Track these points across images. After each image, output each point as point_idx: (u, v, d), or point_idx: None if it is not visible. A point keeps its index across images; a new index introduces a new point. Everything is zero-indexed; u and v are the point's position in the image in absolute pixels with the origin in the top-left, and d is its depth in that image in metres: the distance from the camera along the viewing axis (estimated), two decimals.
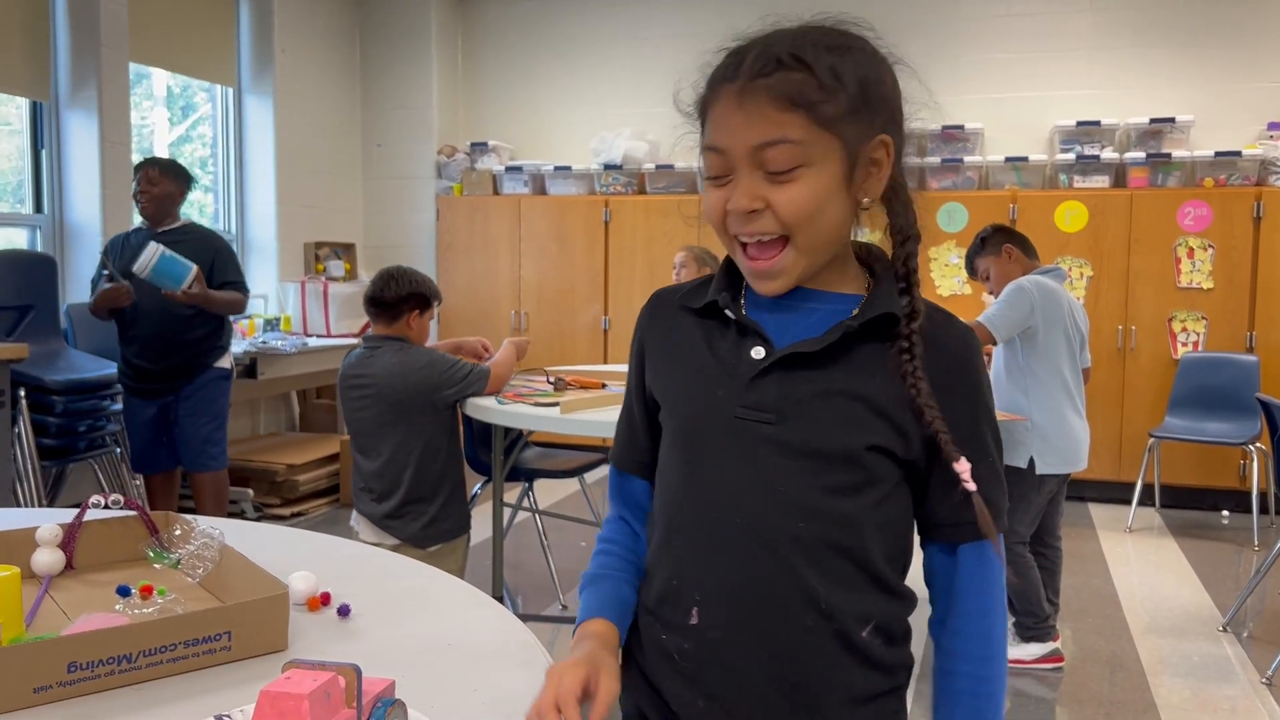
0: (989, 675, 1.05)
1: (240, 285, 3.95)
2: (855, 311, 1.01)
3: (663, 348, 1.12)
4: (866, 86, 0.97)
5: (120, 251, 3.84)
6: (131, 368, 3.89)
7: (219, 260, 3.88)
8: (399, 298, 2.98)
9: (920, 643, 1.12)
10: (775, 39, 0.98)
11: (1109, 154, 5.45)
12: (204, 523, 1.44)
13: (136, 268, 3.61)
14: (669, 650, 1.06)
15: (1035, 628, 3.25)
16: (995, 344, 3.25)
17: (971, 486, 0.98)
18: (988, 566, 1.04)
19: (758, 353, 1.02)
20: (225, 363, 4.00)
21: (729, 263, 1.08)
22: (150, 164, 3.90)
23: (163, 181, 3.85)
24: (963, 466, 0.98)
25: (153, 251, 3.59)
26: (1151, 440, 5.04)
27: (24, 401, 3.76)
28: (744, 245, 1.01)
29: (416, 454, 2.94)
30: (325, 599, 1.29)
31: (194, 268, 3.67)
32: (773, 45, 0.97)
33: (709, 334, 1.07)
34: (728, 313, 1.05)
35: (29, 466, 3.76)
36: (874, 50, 1.01)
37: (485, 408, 3.08)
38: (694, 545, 1.04)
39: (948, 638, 1.07)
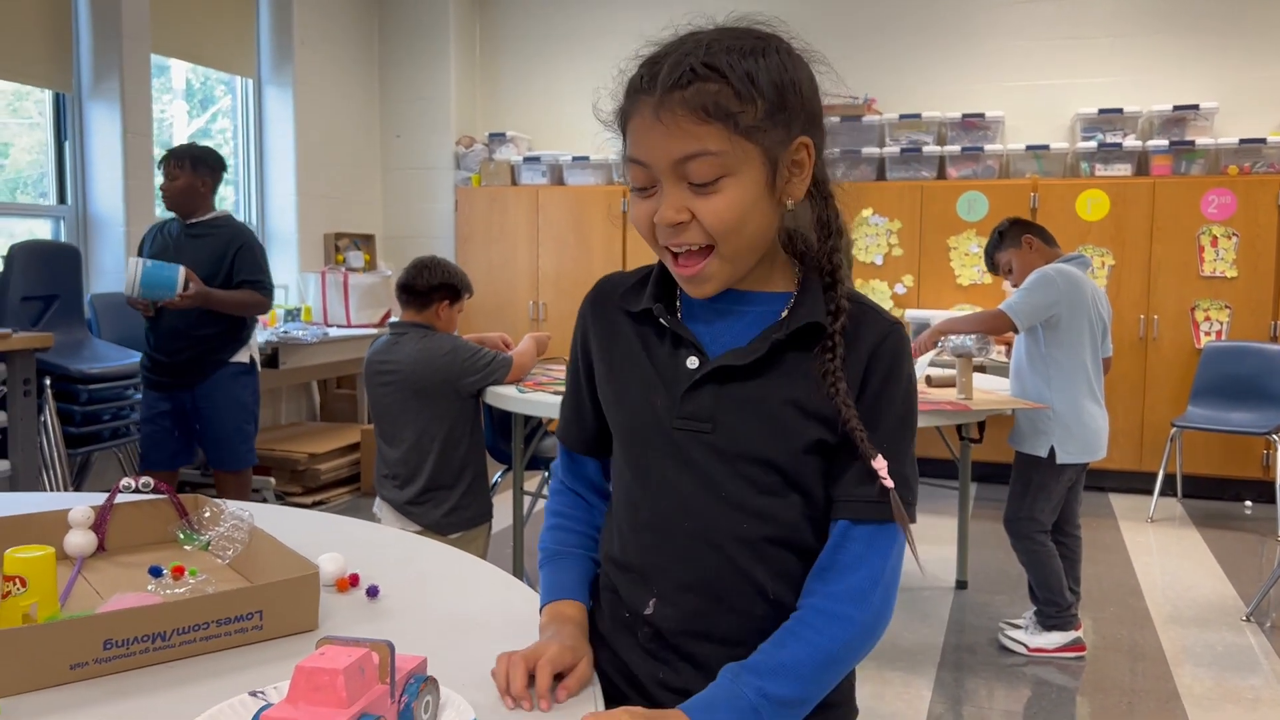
0: (839, 616, 0.99)
1: (260, 285, 3.76)
2: (784, 314, 1.04)
3: (604, 345, 1.13)
4: (783, 90, 0.98)
5: (153, 242, 3.79)
6: (150, 359, 3.85)
7: (238, 257, 3.72)
8: (430, 287, 3.00)
9: (935, 627, 1.12)
10: (689, 47, 0.98)
11: (1131, 142, 5.41)
12: (233, 506, 1.46)
13: (125, 289, 3.52)
14: (630, 626, 1.10)
15: (1057, 617, 3.24)
16: (1017, 331, 3.23)
17: (889, 483, 0.99)
18: (882, 551, 1.02)
19: (692, 363, 1.04)
20: (243, 357, 3.86)
21: (663, 267, 1.08)
22: (167, 157, 3.75)
23: (180, 175, 3.69)
24: (879, 464, 0.99)
25: (134, 267, 3.48)
26: (1174, 430, 5.01)
27: (49, 390, 3.79)
28: (674, 254, 1.02)
29: (439, 441, 2.96)
30: (354, 580, 1.30)
31: (181, 269, 3.54)
32: (687, 54, 0.97)
33: (646, 340, 1.09)
34: (663, 321, 1.07)
35: (55, 454, 3.79)
36: (789, 50, 1.01)
37: (505, 396, 3.09)
38: (653, 544, 1.08)
39: (811, 595, 1.02)
